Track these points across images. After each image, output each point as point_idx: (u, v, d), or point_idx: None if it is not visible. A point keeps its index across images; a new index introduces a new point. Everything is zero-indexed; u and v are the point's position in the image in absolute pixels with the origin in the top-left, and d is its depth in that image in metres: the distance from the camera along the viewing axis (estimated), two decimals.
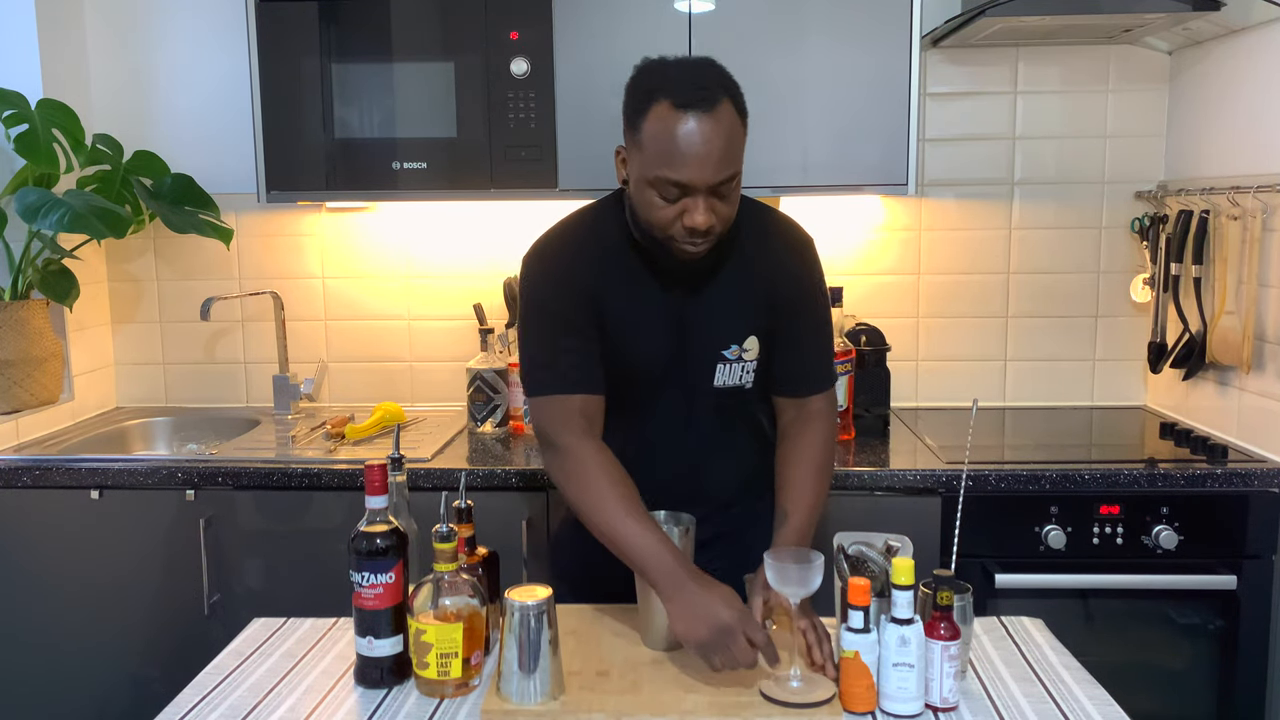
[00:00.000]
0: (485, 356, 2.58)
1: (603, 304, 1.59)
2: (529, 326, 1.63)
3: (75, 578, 2.30)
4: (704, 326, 1.61)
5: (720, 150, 1.43)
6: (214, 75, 2.75)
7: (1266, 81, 2.24)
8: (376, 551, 1.39)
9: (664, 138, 1.42)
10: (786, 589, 1.35)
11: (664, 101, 1.43)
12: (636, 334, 1.61)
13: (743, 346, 1.63)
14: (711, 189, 1.45)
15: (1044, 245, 2.74)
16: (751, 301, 1.62)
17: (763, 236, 1.64)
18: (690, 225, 1.45)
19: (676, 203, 1.46)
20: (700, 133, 1.41)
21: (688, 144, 1.41)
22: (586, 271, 1.59)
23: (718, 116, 1.42)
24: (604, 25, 2.31)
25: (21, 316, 2.44)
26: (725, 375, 1.63)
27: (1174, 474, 2.15)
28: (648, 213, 1.49)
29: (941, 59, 2.69)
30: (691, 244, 1.49)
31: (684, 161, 1.42)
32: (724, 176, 1.44)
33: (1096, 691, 1.38)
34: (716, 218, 1.47)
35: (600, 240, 1.62)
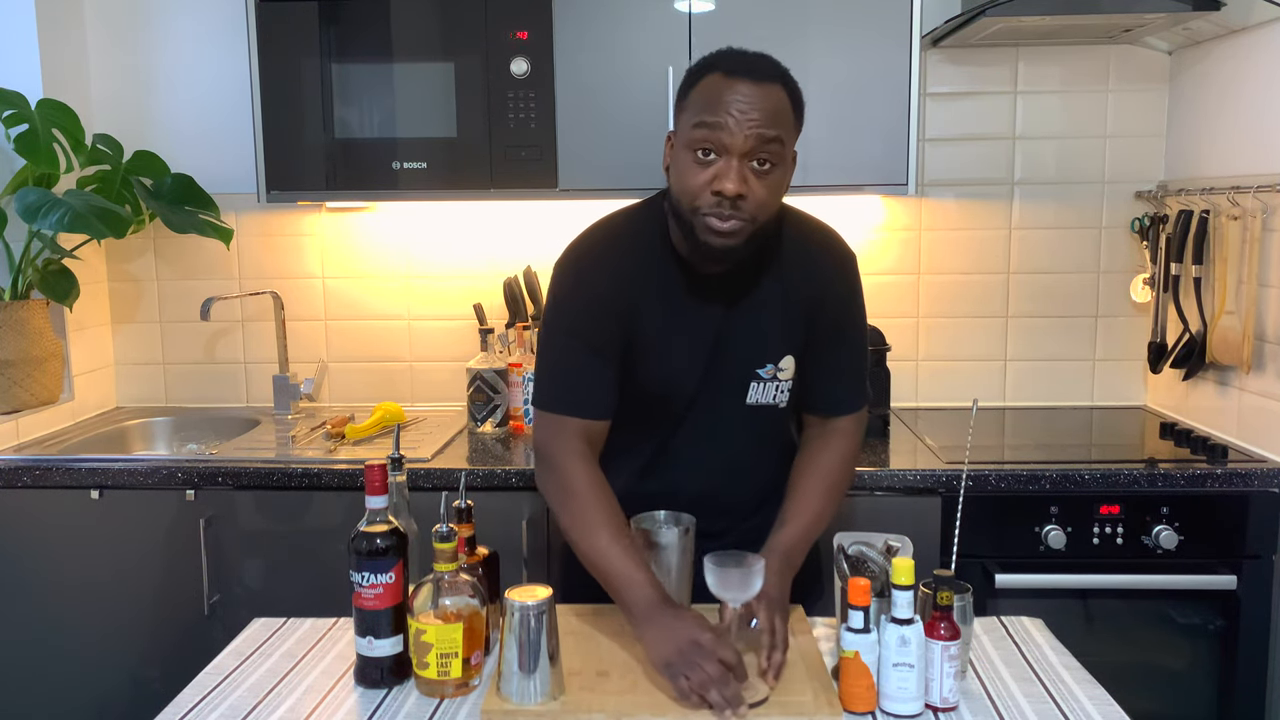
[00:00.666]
0: (485, 356, 2.58)
1: (635, 320, 1.55)
2: (549, 338, 1.58)
3: (75, 578, 2.30)
4: (740, 345, 1.58)
5: (760, 115, 1.41)
6: (214, 75, 2.75)
7: (1267, 81, 2.24)
8: (376, 551, 1.39)
9: (710, 93, 1.43)
10: (726, 594, 1.35)
11: (716, 71, 1.44)
12: (669, 350, 1.56)
13: (778, 366, 1.59)
14: (746, 155, 1.41)
15: (1044, 245, 2.74)
16: (791, 320, 1.58)
17: (805, 250, 1.60)
18: (719, 189, 1.41)
19: (710, 166, 1.42)
20: (744, 93, 1.41)
21: (730, 99, 1.41)
22: (621, 286, 1.54)
23: (765, 89, 1.42)
24: (604, 25, 2.31)
25: (21, 316, 2.44)
26: (759, 394, 1.60)
27: (1174, 474, 2.15)
28: (681, 180, 1.45)
29: (941, 59, 2.69)
30: (719, 216, 1.43)
31: (724, 112, 1.40)
32: (761, 138, 1.41)
33: (1096, 691, 1.38)
34: (749, 194, 1.42)
35: (639, 251, 1.56)
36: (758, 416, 1.62)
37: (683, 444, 1.63)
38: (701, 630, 1.34)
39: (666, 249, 1.56)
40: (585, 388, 1.55)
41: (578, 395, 1.55)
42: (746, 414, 1.61)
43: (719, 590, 1.35)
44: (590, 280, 1.55)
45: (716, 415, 1.61)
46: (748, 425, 1.63)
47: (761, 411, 1.62)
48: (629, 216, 1.61)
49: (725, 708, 1.28)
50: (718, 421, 1.62)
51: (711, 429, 1.62)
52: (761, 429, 1.65)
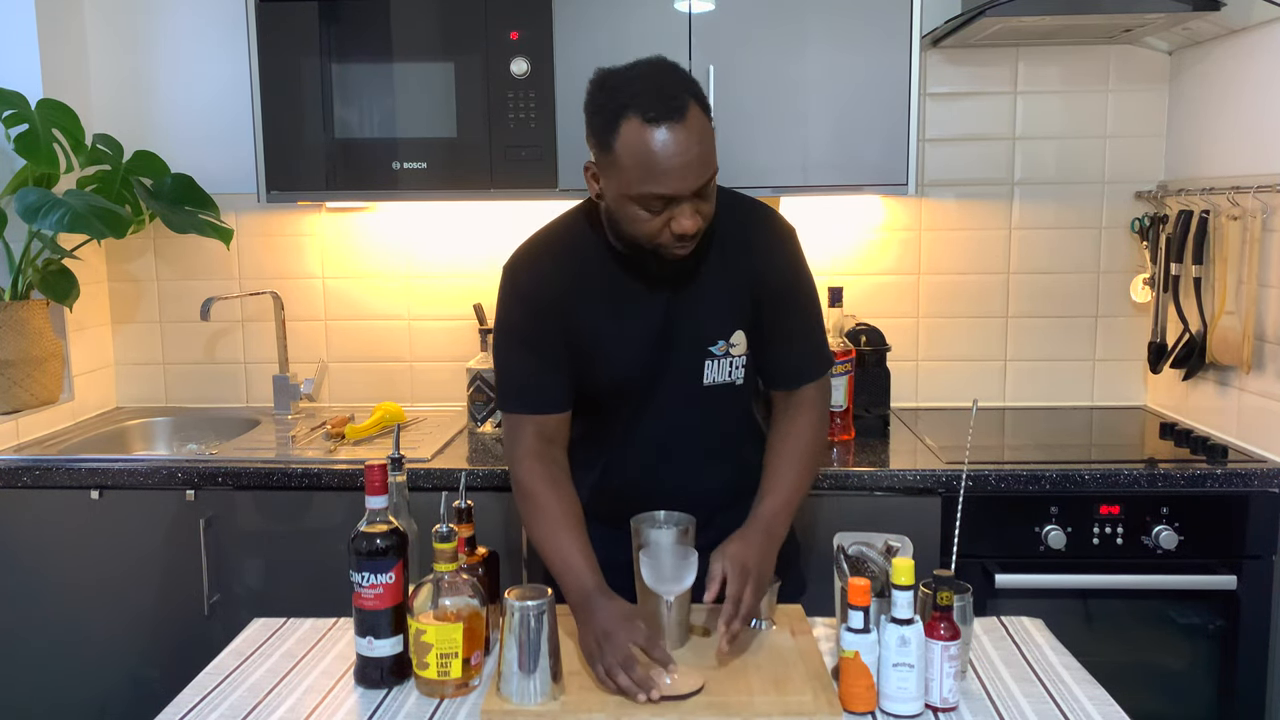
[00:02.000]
0: (485, 356, 2.58)
1: (578, 317, 1.59)
2: (497, 343, 1.65)
3: (75, 578, 2.30)
4: (688, 325, 1.61)
5: (698, 156, 1.43)
6: (214, 75, 2.75)
7: (1267, 81, 2.24)
8: (376, 551, 1.39)
9: (641, 154, 1.41)
10: (660, 586, 1.36)
11: (633, 118, 1.42)
12: (619, 341, 1.60)
13: (729, 341, 1.62)
14: (694, 194, 1.45)
15: (1044, 245, 2.74)
16: (736, 296, 1.62)
17: (743, 228, 1.64)
18: (679, 232, 1.46)
19: (662, 213, 1.46)
20: (676, 143, 1.40)
21: (666, 157, 1.40)
22: (560, 286, 1.59)
23: (689, 123, 1.41)
24: (604, 25, 2.31)
25: (21, 316, 2.44)
26: (714, 372, 1.63)
27: (1174, 474, 2.15)
28: (632, 227, 1.49)
29: (941, 59, 2.69)
30: (681, 248, 1.49)
31: (666, 175, 1.41)
32: (704, 180, 1.45)
33: (1096, 691, 1.38)
34: (701, 218, 1.48)
35: (576, 251, 1.61)
36: (717, 397, 1.65)
37: (647, 433, 1.66)
38: (618, 619, 1.38)
39: (602, 247, 1.60)
40: (533, 386, 1.61)
41: (527, 394, 1.61)
42: (705, 395, 1.64)
43: (653, 583, 1.37)
44: (526, 283, 1.60)
45: (676, 400, 1.64)
46: (708, 407, 1.66)
47: (720, 392, 1.65)
48: (562, 223, 1.66)
49: (636, 691, 1.32)
50: (678, 407, 1.65)
51: (673, 415, 1.65)
52: (724, 410, 1.68)
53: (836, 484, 2.16)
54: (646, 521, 1.54)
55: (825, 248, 2.73)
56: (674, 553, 1.39)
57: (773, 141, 2.33)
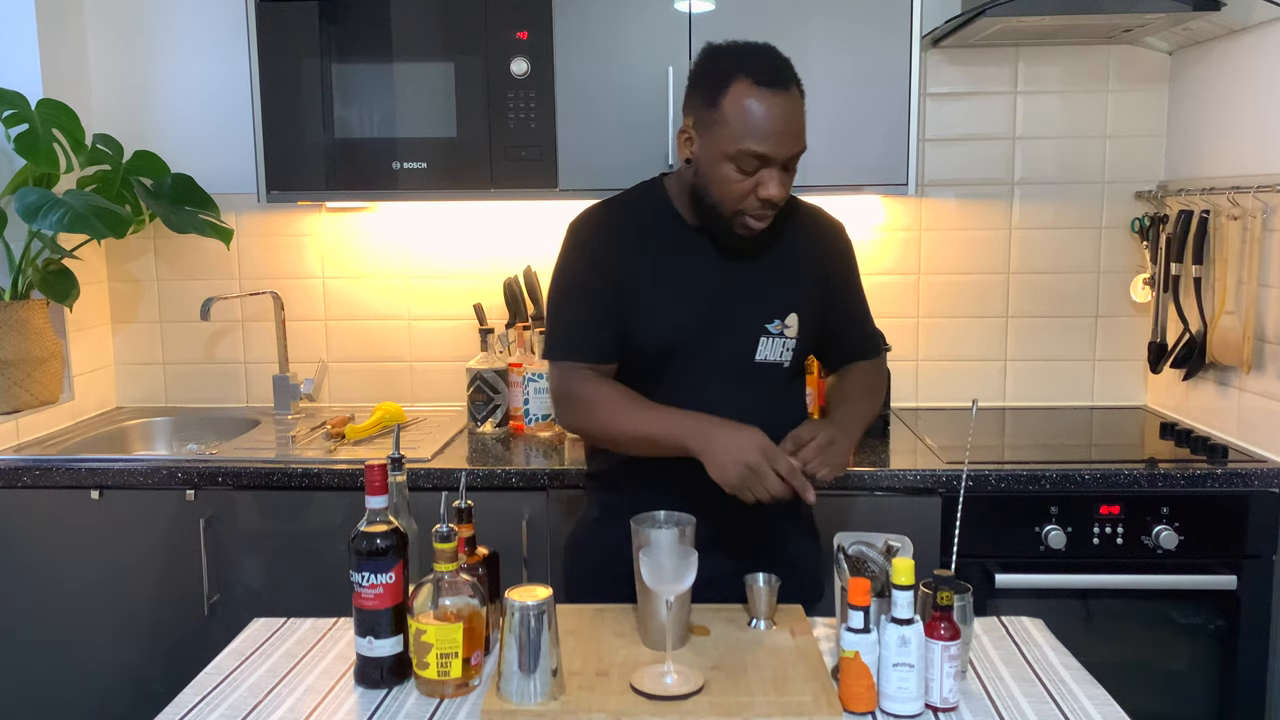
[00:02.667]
0: (485, 356, 2.58)
1: (635, 274, 1.64)
2: (554, 292, 1.70)
3: (75, 578, 2.30)
4: (747, 300, 1.67)
5: (797, 124, 1.54)
6: (214, 75, 2.75)
7: (1267, 81, 2.24)
8: (376, 551, 1.39)
9: (747, 112, 1.51)
10: (660, 586, 1.37)
11: (744, 79, 1.52)
12: (674, 303, 1.64)
13: (784, 322, 1.68)
14: (784, 163, 1.54)
15: (1044, 245, 2.74)
16: (796, 279, 1.69)
17: (798, 219, 1.73)
18: (766, 196, 1.54)
19: (753, 175, 1.54)
20: (781, 108, 1.51)
21: (771, 118, 1.51)
22: (620, 243, 1.66)
23: (792, 95, 1.53)
24: (604, 25, 2.31)
25: (21, 316, 2.44)
26: (767, 350, 1.67)
27: (1174, 474, 2.15)
28: (721, 187, 1.56)
29: (941, 59, 2.69)
30: (761, 215, 1.57)
31: (767, 136, 1.51)
32: (798, 150, 1.56)
33: (1096, 691, 1.38)
34: (784, 190, 1.56)
35: (637, 216, 1.69)
36: (765, 376, 1.69)
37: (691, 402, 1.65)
38: (754, 446, 1.47)
39: (669, 214, 1.67)
40: (588, 336, 1.65)
41: (582, 343, 1.65)
42: (755, 373, 1.68)
43: (653, 583, 1.37)
44: (586, 239, 1.67)
45: (726, 372, 1.67)
46: (756, 385, 1.68)
47: (768, 371, 1.69)
48: (632, 191, 1.75)
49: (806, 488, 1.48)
50: (727, 380, 1.67)
51: (721, 388, 1.67)
52: (771, 390, 1.70)
53: (836, 484, 2.15)
54: (646, 522, 1.54)
55: None
56: (674, 553, 1.39)
57: None
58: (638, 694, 1.34)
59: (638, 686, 1.35)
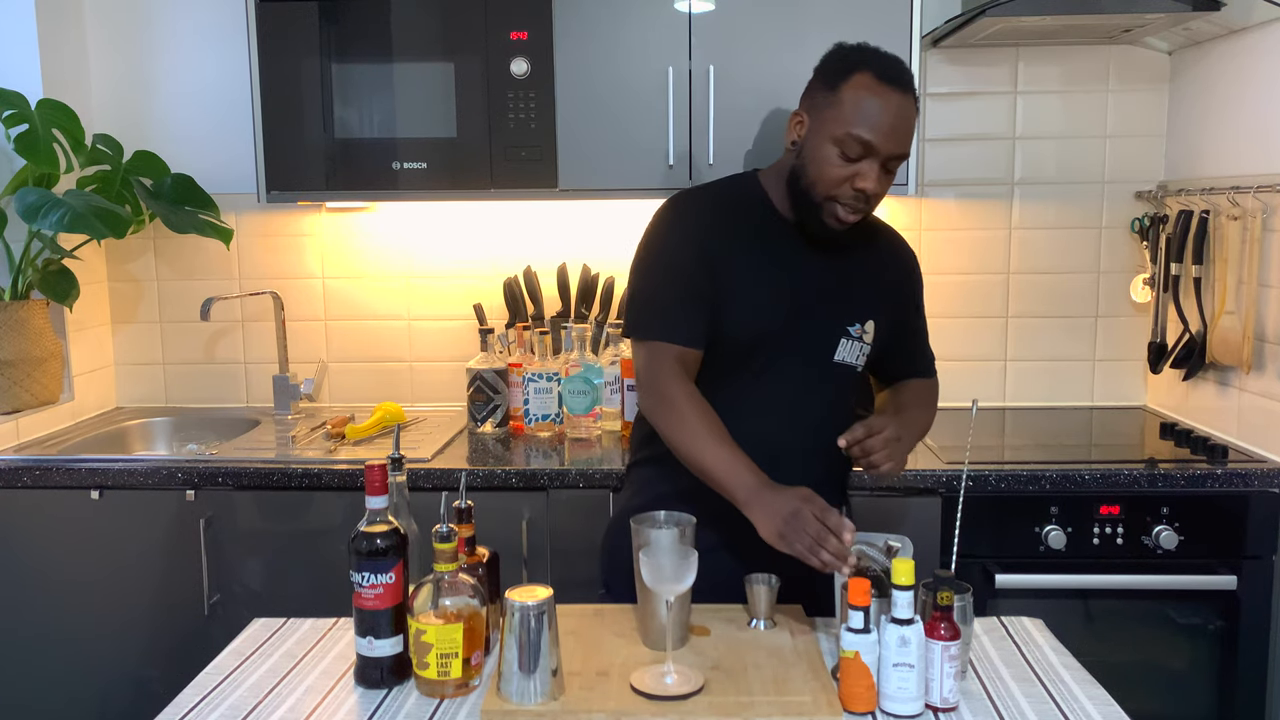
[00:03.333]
0: (485, 356, 2.58)
1: (726, 260, 1.64)
2: (643, 269, 1.68)
3: (75, 578, 2.30)
4: (833, 299, 1.69)
5: (907, 126, 1.57)
6: (214, 75, 2.75)
7: (1267, 81, 2.24)
8: (376, 551, 1.39)
9: (864, 100, 1.55)
10: (660, 585, 1.37)
11: (868, 71, 1.56)
12: (760, 293, 1.65)
13: (864, 327, 1.71)
14: (885, 160, 1.57)
15: (1044, 245, 2.74)
16: (876, 288, 1.73)
17: (889, 232, 1.81)
18: (861, 187, 1.56)
19: (854, 163, 1.56)
20: (896, 104, 1.55)
21: (885, 111, 1.54)
22: (716, 224, 1.67)
23: (908, 99, 1.57)
24: (604, 25, 2.31)
25: (21, 316, 2.44)
26: (845, 351, 1.69)
27: (1174, 474, 2.15)
28: (821, 169, 1.58)
29: (941, 59, 2.69)
30: (853, 207, 1.59)
31: (877, 125, 1.54)
32: (901, 151, 1.57)
33: (1096, 691, 1.38)
34: (881, 190, 1.59)
35: (735, 201, 1.70)
36: (839, 377, 1.71)
37: (768, 395, 1.67)
38: (801, 500, 1.43)
39: (763, 205, 1.70)
40: (679, 316, 1.63)
41: (673, 323, 1.63)
42: (831, 372, 1.70)
43: (653, 583, 1.37)
44: (685, 218, 1.68)
45: (806, 368, 1.68)
46: (830, 384, 1.69)
47: (842, 373, 1.71)
48: (730, 179, 1.77)
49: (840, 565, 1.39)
50: (806, 376, 1.68)
51: (798, 383, 1.68)
52: (839, 392, 1.72)
53: None
54: (646, 522, 1.54)
55: None
56: (674, 553, 1.39)
57: (773, 141, 2.33)
58: (638, 694, 1.34)
59: (638, 686, 1.35)
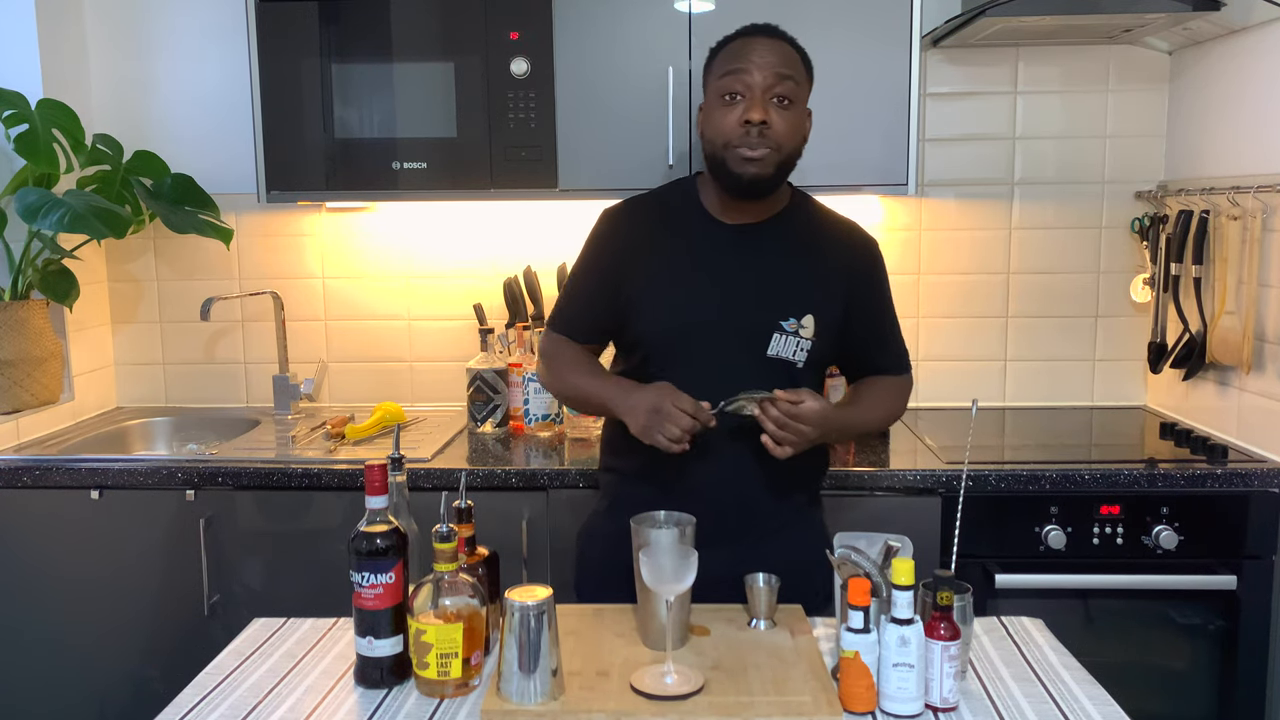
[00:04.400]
0: (485, 356, 2.58)
1: (647, 259, 1.72)
2: (571, 271, 1.83)
3: (75, 578, 2.30)
4: (762, 293, 1.70)
5: (776, 61, 1.63)
6: (214, 75, 2.75)
7: (1267, 81, 2.24)
8: (376, 551, 1.39)
9: (732, 51, 1.66)
10: (660, 585, 1.37)
11: (738, 38, 1.68)
12: (687, 289, 1.70)
13: (800, 322, 1.70)
14: (767, 92, 1.62)
15: (1044, 245, 2.74)
16: (814, 283, 1.73)
17: (837, 224, 1.80)
18: (748, 118, 1.60)
19: (736, 106, 1.62)
20: (759, 43, 1.64)
21: (748, 48, 1.64)
22: (638, 234, 1.75)
23: (776, 41, 1.65)
24: (604, 25, 2.31)
25: (21, 316, 2.44)
26: (779, 346, 1.70)
27: (1174, 474, 2.15)
28: (713, 124, 1.65)
29: (941, 59, 2.69)
30: (749, 145, 1.62)
31: (743, 59, 1.62)
32: (779, 77, 1.62)
33: (1096, 691, 1.38)
34: (773, 123, 1.62)
35: (664, 205, 1.79)
36: (777, 372, 1.69)
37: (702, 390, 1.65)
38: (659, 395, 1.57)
39: (694, 206, 1.76)
40: (573, 313, 1.81)
41: (567, 318, 1.81)
42: (766, 367, 1.69)
43: (653, 583, 1.38)
44: (603, 228, 1.79)
45: (738, 363, 1.69)
46: (766, 379, 1.68)
47: (780, 368, 1.70)
48: (662, 186, 1.85)
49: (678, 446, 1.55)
50: (738, 371, 1.68)
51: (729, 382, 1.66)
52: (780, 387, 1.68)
53: (836, 484, 2.16)
54: (646, 521, 1.54)
55: None
56: (674, 553, 1.39)
57: None
58: (638, 694, 1.34)
59: (638, 686, 1.35)
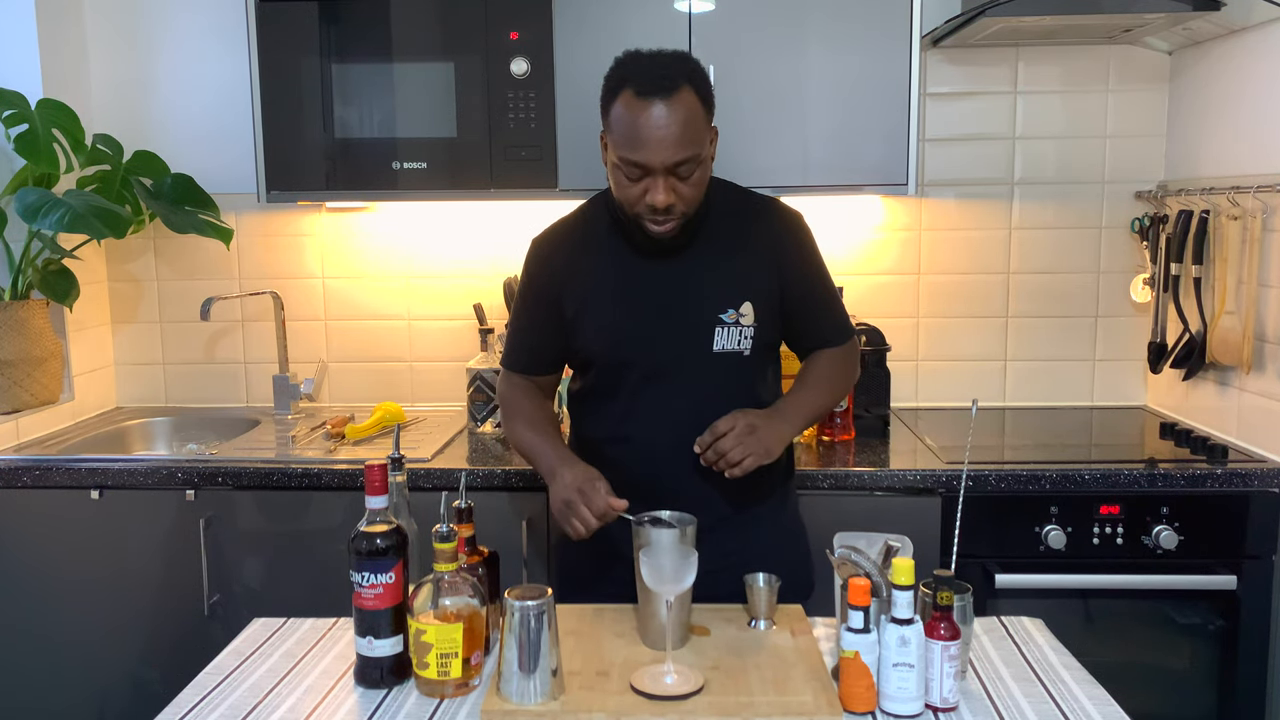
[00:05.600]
0: (485, 356, 2.58)
1: (572, 285, 1.72)
2: (512, 310, 1.86)
3: (75, 578, 2.30)
4: (695, 292, 1.70)
5: (676, 134, 1.54)
6: (214, 75, 2.75)
7: (1267, 81, 2.24)
8: (376, 551, 1.40)
9: (625, 122, 1.56)
10: (660, 586, 1.37)
11: (628, 90, 1.56)
12: (620, 304, 1.70)
13: (739, 311, 1.70)
14: (670, 170, 1.56)
15: (1044, 245, 2.74)
16: (744, 269, 1.71)
17: (753, 210, 1.76)
18: (651, 203, 1.58)
19: (640, 182, 1.58)
20: (657, 117, 1.53)
21: (645, 127, 1.54)
22: (565, 254, 1.74)
23: (675, 102, 1.54)
24: (604, 25, 2.31)
25: (21, 316, 2.44)
26: (724, 339, 1.70)
27: (1174, 474, 2.15)
28: (618, 191, 1.62)
29: (941, 59, 2.69)
30: (655, 221, 1.61)
31: (642, 144, 1.54)
32: (681, 158, 1.55)
33: (1096, 691, 1.39)
34: (678, 197, 1.59)
35: (588, 223, 1.76)
36: (726, 366, 1.71)
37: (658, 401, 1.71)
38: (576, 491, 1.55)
39: (607, 222, 1.73)
40: (519, 349, 1.82)
41: (513, 354, 1.83)
42: (715, 363, 1.70)
43: (653, 583, 1.38)
44: (530, 262, 1.79)
45: (686, 366, 1.70)
46: (717, 375, 1.71)
47: (728, 361, 1.71)
48: (579, 208, 1.81)
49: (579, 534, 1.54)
50: (688, 373, 1.70)
51: (683, 381, 1.70)
52: (734, 379, 1.73)
53: (836, 484, 2.16)
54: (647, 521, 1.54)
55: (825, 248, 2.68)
56: (674, 553, 1.39)
57: (773, 141, 2.33)
58: (638, 694, 1.34)
59: (638, 686, 1.35)
